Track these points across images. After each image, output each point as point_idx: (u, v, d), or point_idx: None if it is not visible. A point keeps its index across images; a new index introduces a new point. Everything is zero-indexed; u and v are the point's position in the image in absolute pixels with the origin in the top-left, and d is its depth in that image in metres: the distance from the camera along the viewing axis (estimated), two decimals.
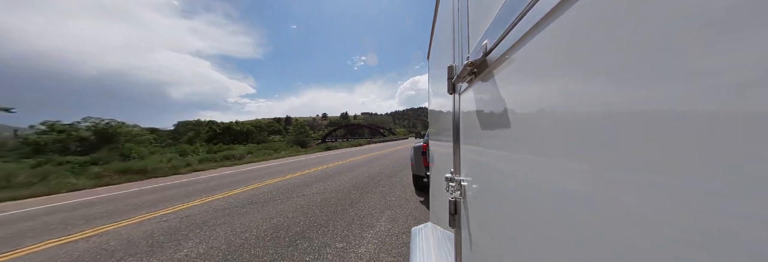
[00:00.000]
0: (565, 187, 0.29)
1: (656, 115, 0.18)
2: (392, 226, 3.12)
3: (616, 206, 0.22)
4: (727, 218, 0.14)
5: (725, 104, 0.14)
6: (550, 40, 0.31)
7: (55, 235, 3.44)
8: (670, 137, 0.17)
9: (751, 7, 0.13)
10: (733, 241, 0.14)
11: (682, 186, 0.16)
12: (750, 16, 0.13)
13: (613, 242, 0.22)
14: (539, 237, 0.35)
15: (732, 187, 0.14)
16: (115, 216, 4.16)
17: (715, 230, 0.15)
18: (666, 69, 0.17)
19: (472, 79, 0.68)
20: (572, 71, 0.28)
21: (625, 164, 0.21)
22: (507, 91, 0.46)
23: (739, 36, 0.13)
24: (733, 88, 0.13)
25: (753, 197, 0.13)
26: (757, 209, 0.13)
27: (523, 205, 0.40)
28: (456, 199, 0.85)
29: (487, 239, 0.57)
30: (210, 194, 5.38)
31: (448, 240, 1.15)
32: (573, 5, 0.27)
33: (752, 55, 0.13)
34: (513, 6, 0.39)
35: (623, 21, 0.21)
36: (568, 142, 0.28)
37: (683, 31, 0.16)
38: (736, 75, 0.13)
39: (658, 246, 0.18)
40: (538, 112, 0.35)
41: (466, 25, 0.78)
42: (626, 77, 0.20)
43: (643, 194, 0.19)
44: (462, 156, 0.88)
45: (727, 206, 0.14)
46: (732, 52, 0.13)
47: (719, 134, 0.14)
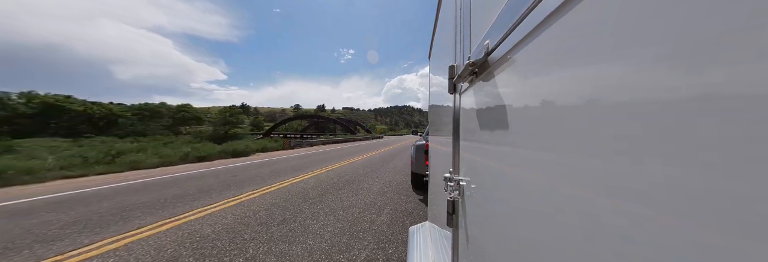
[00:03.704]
0: (564, 187, 0.30)
1: (658, 116, 0.18)
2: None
3: (615, 206, 0.22)
4: (727, 218, 0.14)
5: (725, 104, 0.14)
6: (552, 41, 0.31)
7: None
8: (670, 137, 0.17)
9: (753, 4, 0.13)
10: (734, 241, 0.14)
11: (682, 186, 0.17)
12: (752, 16, 0.13)
13: (612, 242, 0.22)
14: (537, 237, 0.35)
15: (732, 185, 0.14)
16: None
17: (714, 230, 0.15)
18: (667, 70, 0.17)
19: (473, 79, 0.68)
20: (573, 72, 0.28)
21: (624, 165, 0.21)
22: (508, 92, 0.46)
23: (738, 36, 0.13)
24: (733, 87, 0.14)
25: (753, 196, 0.13)
26: (757, 209, 0.13)
27: (522, 205, 0.40)
28: (454, 198, 0.86)
29: (485, 238, 0.58)
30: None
31: (446, 239, 1.16)
32: (575, 6, 0.27)
33: (753, 54, 0.13)
34: (515, 6, 0.39)
35: (624, 22, 0.21)
36: (569, 143, 0.29)
37: (683, 32, 0.16)
38: (737, 75, 0.13)
39: (657, 246, 0.18)
40: (539, 113, 0.35)
41: (467, 25, 0.78)
42: (627, 78, 0.21)
43: (643, 194, 0.19)
44: (461, 156, 0.88)
45: (727, 206, 0.14)
46: (732, 53, 0.14)
47: (720, 134, 0.14)
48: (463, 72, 0.63)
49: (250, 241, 2.63)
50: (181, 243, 2.62)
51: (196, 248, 2.51)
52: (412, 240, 1.51)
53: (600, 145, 0.24)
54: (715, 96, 0.14)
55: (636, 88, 0.20)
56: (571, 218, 0.28)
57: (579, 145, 0.27)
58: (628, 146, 0.20)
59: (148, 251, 2.47)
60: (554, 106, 0.31)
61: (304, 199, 4.20)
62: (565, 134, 0.29)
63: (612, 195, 0.22)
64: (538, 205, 0.35)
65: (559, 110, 0.30)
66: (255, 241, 2.63)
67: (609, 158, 0.23)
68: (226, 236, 2.77)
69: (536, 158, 0.36)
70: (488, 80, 0.56)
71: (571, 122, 0.28)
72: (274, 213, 3.49)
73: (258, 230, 2.92)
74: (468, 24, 0.77)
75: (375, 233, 2.84)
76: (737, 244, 0.14)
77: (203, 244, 2.58)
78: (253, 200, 4.19)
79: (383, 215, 3.41)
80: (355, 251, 2.43)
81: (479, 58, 0.56)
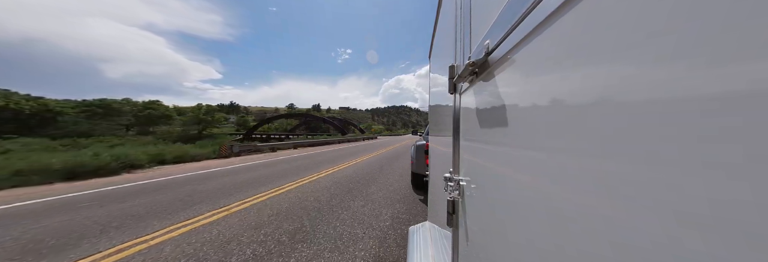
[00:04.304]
0: (564, 187, 0.30)
1: (659, 116, 0.18)
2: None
3: (615, 206, 0.22)
4: (727, 218, 0.14)
5: (725, 104, 0.14)
6: (552, 41, 0.32)
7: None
8: (671, 137, 0.17)
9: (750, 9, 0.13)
10: (734, 241, 0.14)
11: (682, 186, 0.17)
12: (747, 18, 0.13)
13: (612, 241, 0.22)
14: (537, 237, 0.35)
15: (731, 185, 0.14)
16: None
17: (715, 230, 0.15)
18: (667, 70, 0.17)
19: (474, 79, 0.68)
20: (574, 72, 0.28)
21: (624, 164, 0.21)
22: (508, 92, 0.46)
23: (739, 36, 0.13)
24: (733, 87, 0.14)
25: (753, 195, 0.13)
26: (757, 209, 0.13)
27: (522, 205, 0.40)
28: (454, 198, 0.86)
29: (485, 238, 0.58)
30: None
31: (446, 239, 1.16)
32: (575, 6, 0.27)
33: (753, 54, 0.13)
34: (515, 6, 0.39)
35: (624, 22, 0.21)
36: (569, 143, 0.29)
37: (683, 32, 0.16)
38: (737, 75, 0.13)
39: (657, 245, 0.18)
40: (539, 112, 0.35)
41: (468, 25, 0.78)
42: (627, 78, 0.21)
43: (642, 194, 0.19)
44: (461, 156, 0.89)
45: (727, 206, 0.14)
46: (732, 52, 0.14)
47: (720, 133, 0.14)
48: (464, 72, 0.63)
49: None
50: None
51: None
52: (412, 240, 1.51)
53: (600, 145, 0.24)
54: (716, 96, 0.14)
55: (636, 88, 0.20)
56: (571, 218, 0.28)
57: (579, 145, 0.27)
58: (628, 145, 0.21)
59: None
60: (554, 106, 0.31)
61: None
62: (566, 134, 0.29)
63: (612, 195, 0.22)
64: (538, 204, 0.35)
65: (560, 110, 0.30)
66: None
67: (609, 158, 0.23)
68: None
69: (536, 157, 0.36)
70: (488, 80, 0.56)
71: (571, 122, 0.28)
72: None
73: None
74: (468, 24, 0.77)
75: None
76: (737, 244, 0.14)
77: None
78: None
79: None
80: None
81: (479, 58, 0.56)
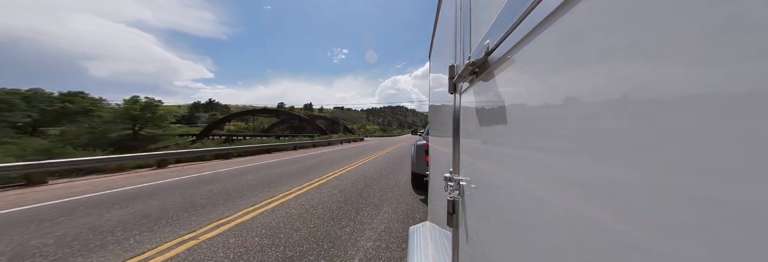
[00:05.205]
0: (564, 187, 0.30)
1: (658, 116, 0.18)
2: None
3: (615, 205, 0.22)
4: (727, 218, 0.14)
5: (724, 105, 0.14)
6: (552, 41, 0.32)
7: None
8: (671, 137, 0.17)
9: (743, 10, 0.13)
10: (734, 241, 0.14)
11: (682, 185, 0.17)
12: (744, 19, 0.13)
13: (612, 241, 0.22)
14: (537, 236, 0.35)
15: (731, 184, 0.14)
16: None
17: (714, 230, 0.15)
18: (667, 70, 0.17)
19: (473, 78, 0.68)
20: (574, 72, 0.28)
21: (624, 164, 0.21)
22: (508, 91, 0.46)
23: (739, 36, 0.13)
24: (733, 87, 0.14)
25: (752, 195, 0.13)
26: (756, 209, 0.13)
27: (522, 205, 0.40)
28: (454, 198, 0.86)
29: (485, 238, 0.58)
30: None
31: (446, 239, 1.16)
32: (574, 6, 0.27)
33: (753, 54, 0.13)
34: (515, 6, 0.39)
35: (624, 22, 0.21)
36: (569, 142, 0.29)
37: (683, 32, 0.16)
38: (736, 75, 0.14)
39: (656, 245, 0.18)
40: (539, 112, 0.35)
41: (467, 25, 0.78)
42: (627, 78, 0.21)
43: (643, 193, 0.19)
44: (461, 155, 0.89)
45: (727, 204, 0.14)
46: (732, 52, 0.14)
47: (720, 134, 0.14)
48: (464, 72, 0.63)
49: None
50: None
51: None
52: (412, 240, 1.51)
53: (600, 144, 0.24)
54: (715, 96, 0.14)
55: (636, 88, 0.20)
56: (571, 218, 0.28)
57: (579, 144, 0.27)
58: (627, 145, 0.21)
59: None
60: (554, 105, 0.31)
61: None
62: (565, 134, 0.29)
63: (611, 194, 0.22)
64: (538, 204, 0.35)
65: (560, 110, 0.30)
66: None
67: (608, 158, 0.23)
68: None
69: (536, 157, 0.36)
70: (488, 80, 0.56)
71: (571, 122, 0.28)
72: None
73: None
74: (468, 24, 0.77)
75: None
76: (738, 244, 0.14)
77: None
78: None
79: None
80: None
81: (479, 58, 0.56)
